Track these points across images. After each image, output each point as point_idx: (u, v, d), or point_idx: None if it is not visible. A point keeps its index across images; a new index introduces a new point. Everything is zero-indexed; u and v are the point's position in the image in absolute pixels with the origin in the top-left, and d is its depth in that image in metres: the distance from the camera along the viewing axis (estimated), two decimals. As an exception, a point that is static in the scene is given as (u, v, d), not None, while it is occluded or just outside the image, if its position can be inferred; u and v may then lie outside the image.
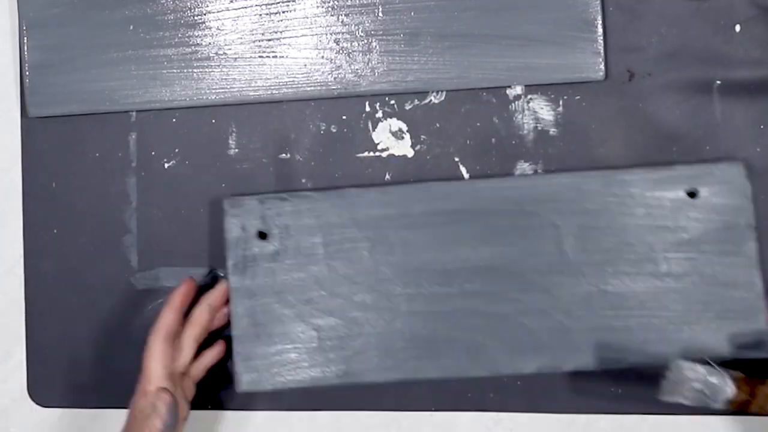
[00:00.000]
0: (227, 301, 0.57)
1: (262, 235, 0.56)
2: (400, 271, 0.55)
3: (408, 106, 0.58)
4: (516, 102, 0.57)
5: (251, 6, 0.58)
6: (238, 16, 0.58)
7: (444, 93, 0.57)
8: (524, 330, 0.55)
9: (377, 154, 0.58)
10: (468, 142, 0.57)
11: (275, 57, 0.58)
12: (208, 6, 0.58)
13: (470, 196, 0.55)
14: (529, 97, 0.57)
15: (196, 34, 0.58)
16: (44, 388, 0.61)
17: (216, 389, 0.60)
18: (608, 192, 0.54)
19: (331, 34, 0.57)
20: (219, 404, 0.60)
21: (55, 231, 0.61)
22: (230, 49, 0.58)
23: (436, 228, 0.55)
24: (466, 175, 0.57)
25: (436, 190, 0.56)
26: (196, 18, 0.58)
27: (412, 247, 0.55)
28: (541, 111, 0.57)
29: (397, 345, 0.55)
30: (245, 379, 0.57)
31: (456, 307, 0.55)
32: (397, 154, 0.58)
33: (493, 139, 0.57)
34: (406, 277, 0.55)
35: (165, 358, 0.53)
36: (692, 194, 0.54)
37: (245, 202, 0.57)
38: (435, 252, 0.55)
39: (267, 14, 0.58)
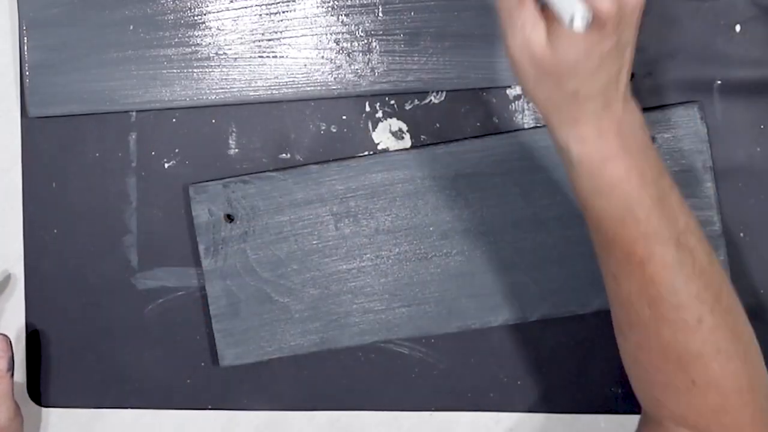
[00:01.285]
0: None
1: (230, 218, 0.57)
2: (368, 240, 0.57)
3: (408, 106, 0.58)
4: (516, 102, 0.57)
5: (251, 6, 0.58)
6: (238, 16, 0.58)
7: (444, 93, 0.57)
8: (492, 286, 0.56)
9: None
10: (468, 142, 0.57)
11: (275, 57, 0.58)
12: (208, 6, 0.58)
13: (428, 163, 0.56)
14: (529, 97, 0.57)
15: (196, 34, 0.58)
16: (44, 388, 0.61)
17: (215, 389, 0.60)
18: None
19: (331, 34, 0.57)
20: (219, 404, 0.60)
21: (55, 231, 0.61)
22: (230, 49, 0.58)
23: (397, 195, 0.57)
24: (466, 175, 0.57)
25: (394, 159, 0.57)
26: (196, 18, 0.58)
27: (376, 216, 0.57)
28: (541, 111, 0.56)
29: (371, 309, 0.57)
30: (227, 355, 0.58)
31: (424, 269, 0.57)
32: (397, 154, 0.58)
33: (493, 139, 0.57)
34: (373, 246, 0.57)
35: None
36: None
37: (210, 187, 0.58)
38: (398, 218, 0.57)
39: (267, 14, 0.58)
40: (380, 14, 0.57)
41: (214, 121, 0.59)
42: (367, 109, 0.58)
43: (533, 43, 0.39)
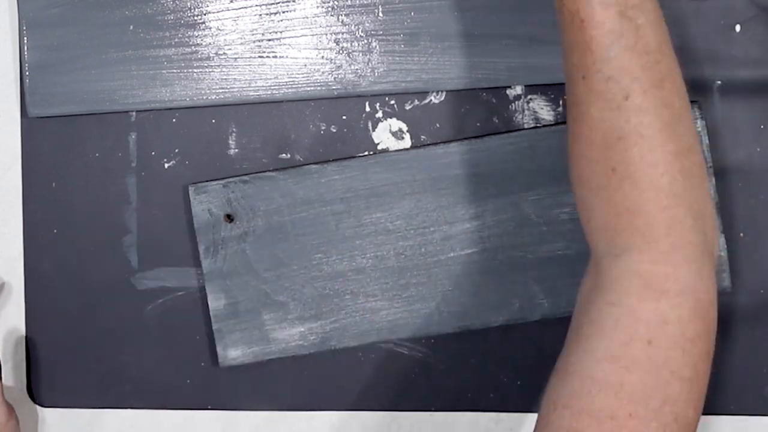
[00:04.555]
0: None
1: (230, 218, 0.57)
2: (368, 240, 0.57)
3: (408, 106, 0.58)
4: (516, 102, 0.57)
5: (251, 6, 0.58)
6: (238, 16, 0.58)
7: (444, 93, 0.57)
8: (492, 286, 0.56)
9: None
10: (468, 142, 0.57)
11: (275, 57, 0.58)
12: (208, 6, 0.58)
13: (428, 163, 0.56)
14: (529, 97, 0.57)
15: (196, 34, 0.58)
16: (44, 388, 0.61)
17: (215, 389, 0.60)
18: (561, 146, 0.55)
19: (331, 34, 0.57)
20: (219, 404, 0.60)
21: (55, 231, 0.61)
22: (230, 49, 0.58)
23: (397, 195, 0.57)
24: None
25: (394, 159, 0.57)
26: (196, 18, 0.58)
27: (376, 216, 0.57)
28: (541, 111, 0.57)
29: (371, 309, 0.57)
30: (227, 355, 0.58)
31: (426, 269, 0.57)
32: (397, 154, 0.58)
33: (493, 139, 0.57)
34: (373, 245, 0.57)
35: None
36: None
37: (210, 186, 0.58)
38: (398, 218, 0.57)
39: (267, 14, 0.58)
40: (380, 14, 0.57)
41: (214, 121, 0.59)
42: (367, 109, 0.58)
43: None
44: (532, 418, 0.58)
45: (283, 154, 0.59)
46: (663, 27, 0.41)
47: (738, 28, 0.55)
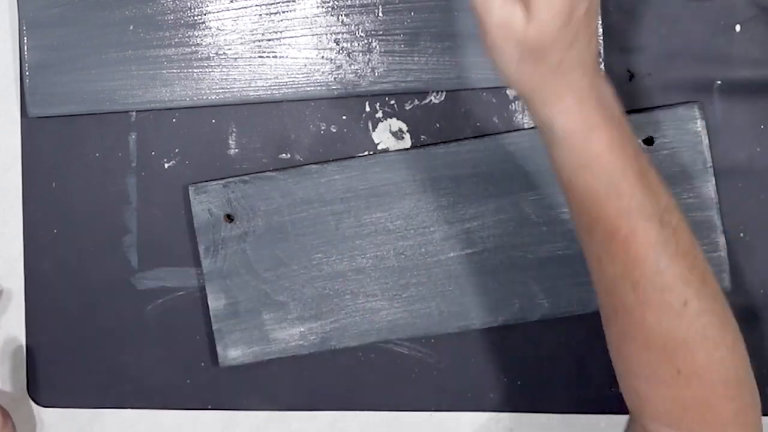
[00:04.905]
0: None
1: (230, 218, 0.57)
2: (368, 240, 0.57)
3: (408, 106, 0.58)
4: (516, 102, 0.57)
5: (251, 6, 0.58)
6: (238, 16, 0.58)
7: (444, 93, 0.57)
8: (492, 286, 0.56)
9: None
10: (468, 142, 0.57)
11: (275, 57, 0.58)
12: (208, 6, 0.58)
13: (428, 163, 0.56)
14: (529, 97, 0.57)
15: (196, 34, 0.58)
16: (44, 388, 0.61)
17: (215, 389, 0.60)
18: None
19: (331, 34, 0.57)
20: (219, 404, 0.60)
21: (55, 231, 0.61)
22: (230, 49, 0.58)
23: (397, 195, 0.57)
24: (466, 175, 0.57)
25: (394, 159, 0.57)
26: (196, 18, 0.58)
27: (376, 216, 0.57)
28: (541, 111, 0.56)
29: (371, 309, 0.57)
30: (227, 355, 0.58)
31: (426, 269, 0.57)
32: (397, 154, 0.58)
33: (493, 139, 0.57)
34: (373, 246, 0.57)
35: None
36: (649, 141, 0.55)
37: (210, 186, 0.58)
38: (398, 218, 0.57)
39: (267, 14, 0.58)
40: (380, 14, 0.57)
41: (214, 121, 0.59)
42: (367, 109, 0.58)
43: (515, 21, 0.39)
44: (532, 418, 0.58)
45: (283, 154, 0.59)
46: (684, 217, 0.42)
47: (738, 28, 0.55)
